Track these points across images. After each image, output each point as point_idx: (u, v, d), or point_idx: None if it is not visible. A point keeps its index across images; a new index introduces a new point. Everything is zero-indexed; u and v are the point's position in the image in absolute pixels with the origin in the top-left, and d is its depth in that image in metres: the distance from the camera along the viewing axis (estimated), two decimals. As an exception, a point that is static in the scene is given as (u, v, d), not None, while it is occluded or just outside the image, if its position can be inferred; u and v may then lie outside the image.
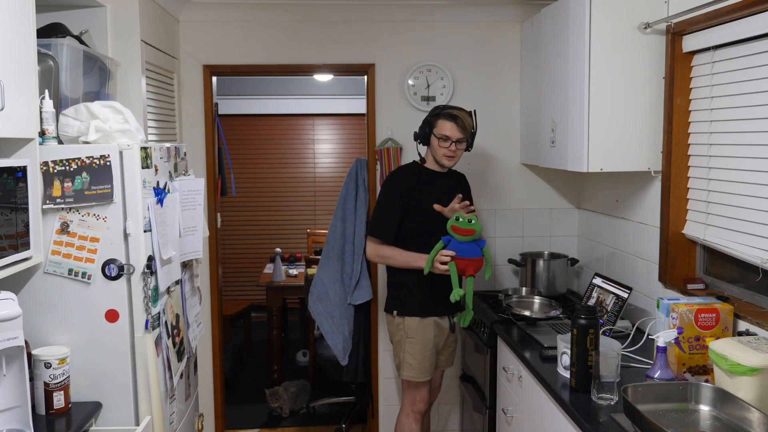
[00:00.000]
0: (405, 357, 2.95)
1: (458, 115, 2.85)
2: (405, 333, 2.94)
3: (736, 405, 1.76)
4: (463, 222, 2.68)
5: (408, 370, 2.95)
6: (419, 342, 2.93)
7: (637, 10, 2.62)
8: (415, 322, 2.93)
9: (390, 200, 2.92)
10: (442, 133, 2.85)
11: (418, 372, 2.95)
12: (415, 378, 2.96)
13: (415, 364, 2.94)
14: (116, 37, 2.67)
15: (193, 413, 2.78)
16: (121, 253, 2.07)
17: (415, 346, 2.93)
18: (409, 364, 2.94)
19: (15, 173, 1.77)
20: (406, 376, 2.97)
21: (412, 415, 3.03)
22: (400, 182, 2.95)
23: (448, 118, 2.85)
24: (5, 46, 1.72)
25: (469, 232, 2.67)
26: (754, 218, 2.18)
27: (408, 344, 2.93)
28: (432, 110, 2.94)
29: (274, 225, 6.59)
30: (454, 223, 2.69)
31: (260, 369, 5.21)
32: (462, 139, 2.86)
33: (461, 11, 3.54)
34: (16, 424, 1.79)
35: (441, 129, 2.86)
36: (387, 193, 2.96)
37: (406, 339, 2.93)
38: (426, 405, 3.05)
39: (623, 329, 2.70)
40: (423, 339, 2.93)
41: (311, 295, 3.73)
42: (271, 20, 3.54)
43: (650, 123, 2.67)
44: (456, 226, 2.69)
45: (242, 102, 6.35)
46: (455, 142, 2.85)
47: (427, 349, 2.95)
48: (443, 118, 2.86)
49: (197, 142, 3.57)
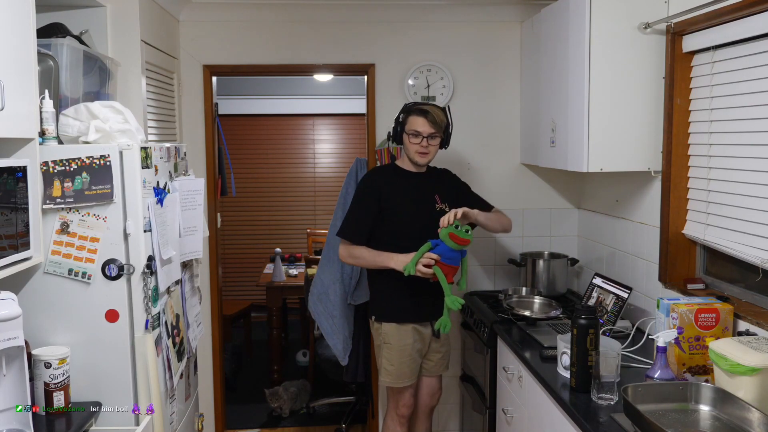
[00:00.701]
0: (383, 363, 2.92)
1: (429, 110, 2.77)
2: (383, 339, 2.91)
3: (736, 405, 1.76)
4: (461, 231, 2.65)
5: (385, 375, 2.92)
6: (396, 348, 2.88)
7: (637, 10, 2.62)
8: (392, 328, 2.88)
9: (361, 200, 2.89)
10: (413, 128, 2.78)
11: (395, 378, 2.91)
12: (392, 384, 2.92)
13: (392, 369, 2.90)
14: (116, 37, 2.67)
15: (193, 413, 2.78)
16: (121, 253, 2.07)
17: (392, 352, 2.88)
18: (386, 370, 2.91)
19: (15, 173, 1.77)
20: (384, 381, 2.95)
21: (396, 419, 3.02)
22: (372, 182, 2.91)
23: (418, 114, 2.78)
24: (5, 46, 1.72)
25: (465, 242, 2.66)
26: (754, 218, 2.18)
27: (385, 350, 2.90)
28: (403, 107, 2.91)
29: (274, 225, 6.59)
30: (453, 230, 2.64)
31: (260, 369, 5.21)
32: (434, 134, 2.79)
33: (461, 11, 3.54)
34: (16, 424, 1.79)
35: (412, 125, 2.79)
36: (359, 194, 2.93)
37: (383, 345, 2.91)
38: (409, 409, 3.01)
39: (623, 329, 2.70)
40: (400, 345, 2.88)
41: (311, 295, 3.73)
42: (271, 20, 3.54)
43: (650, 123, 2.67)
44: (454, 234, 2.64)
45: (242, 102, 6.35)
46: (427, 137, 2.78)
47: (405, 356, 2.89)
48: (414, 114, 2.80)
49: (197, 142, 3.57)
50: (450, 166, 3.52)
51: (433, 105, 2.87)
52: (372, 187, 2.89)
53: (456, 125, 3.61)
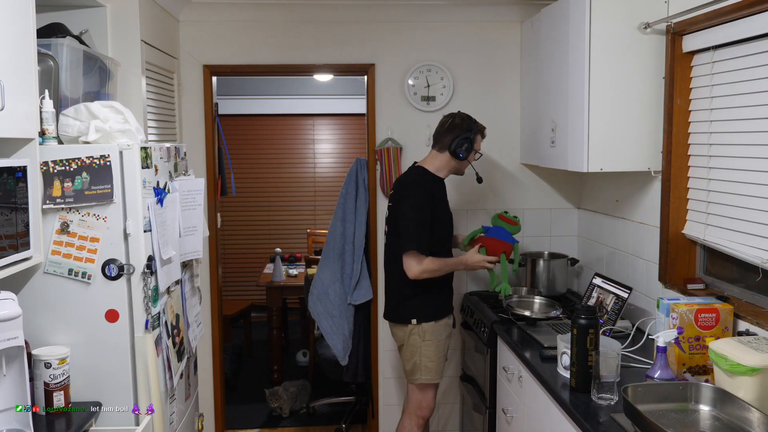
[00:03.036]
0: (422, 360, 2.94)
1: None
2: (422, 337, 2.94)
3: (736, 405, 1.76)
4: (509, 215, 3.09)
5: (426, 372, 2.95)
6: (434, 343, 2.94)
7: (637, 10, 2.62)
8: (431, 326, 2.94)
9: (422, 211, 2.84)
10: (479, 148, 2.97)
11: (435, 374, 2.96)
12: (431, 380, 2.97)
13: (432, 366, 2.95)
14: (116, 37, 2.67)
15: (193, 413, 2.78)
16: (121, 253, 2.07)
17: (431, 348, 2.94)
18: (426, 367, 2.95)
19: (15, 173, 1.77)
20: (424, 379, 2.96)
21: (415, 419, 3.04)
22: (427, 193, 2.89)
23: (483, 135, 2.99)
24: (5, 46, 1.72)
25: (514, 223, 3.06)
26: (754, 218, 2.18)
27: (425, 347, 2.94)
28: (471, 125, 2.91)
29: (274, 225, 6.59)
30: (502, 213, 3.10)
31: (260, 369, 5.21)
32: None
33: (461, 11, 3.54)
34: (16, 424, 1.79)
35: (479, 144, 2.97)
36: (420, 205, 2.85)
37: (422, 343, 2.94)
38: (431, 412, 3.05)
39: (623, 329, 2.70)
40: (438, 340, 2.95)
41: (311, 295, 3.73)
42: (271, 20, 3.54)
43: (650, 123, 2.67)
44: (504, 216, 3.08)
45: (242, 102, 6.35)
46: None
47: (441, 350, 2.98)
48: (481, 135, 2.97)
49: (197, 142, 3.57)
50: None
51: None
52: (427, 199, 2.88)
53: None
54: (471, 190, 3.64)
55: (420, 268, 2.81)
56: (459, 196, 3.63)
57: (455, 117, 2.93)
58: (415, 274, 2.81)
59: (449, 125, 2.92)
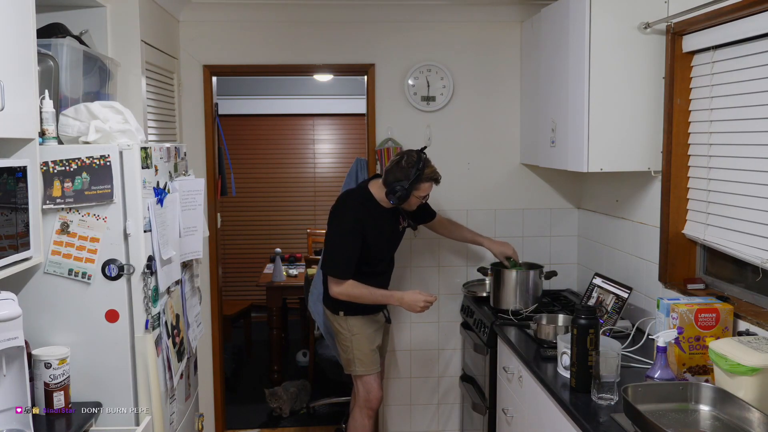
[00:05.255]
0: (355, 354, 3.06)
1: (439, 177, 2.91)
2: (350, 332, 3.05)
3: (736, 405, 1.76)
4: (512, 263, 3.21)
5: (360, 365, 3.07)
6: (363, 337, 3.06)
7: (637, 10, 2.62)
8: (357, 320, 3.05)
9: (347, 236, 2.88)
10: (423, 194, 2.89)
11: (369, 365, 3.07)
12: (366, 372, 3.08)
13: (364, 358, 3.07)
14: (116, 37, 2.67)
15: (193, 413, 2.78)
16: (121, 253, 2.07)
17: (362, 341, 3.06)
18: (360, 360, 3.06)
19: (15, 173, 1.77)
20: (360, 371, 3.08)
21: (365, 411, 3.14)
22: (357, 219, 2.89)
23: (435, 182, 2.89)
24: (5, 46, 1.72)
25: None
26: (754, 218, 2.18)
27: (355, 341, 3.05)
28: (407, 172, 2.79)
29: (274, 225, 6.59)
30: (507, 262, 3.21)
31: (260, 369, 5.21)
32: None
33: (461, 11, 3.54)
34: (16, 424, 1.79)
35: (423, 191, 2.87)
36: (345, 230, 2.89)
37: (352, 337, 3.05)
38: (379, 402, 3.16)
39: (623, 329, 2.70)
40: (366, 333, 3.07)
41: (311, 295, 3.73)
42: (271, 20, 3.54)
43: (650, 123, 2.67)
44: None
45: (242, 102, 6.34)
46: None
47: (373, 343, 3.09)
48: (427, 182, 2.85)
49: (197, 142, 3.57)
50: (450, 166, 3.53)
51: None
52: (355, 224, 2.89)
53: (456, 125, 3.63)
54: (470, 190, 3.64)
55: (338, 290, 2.92)
56: (459, 196, 3.63)
57: (404, 158, 2.82)
58: (334, 294, 2.94)
59: (394, 164, 2.84)
